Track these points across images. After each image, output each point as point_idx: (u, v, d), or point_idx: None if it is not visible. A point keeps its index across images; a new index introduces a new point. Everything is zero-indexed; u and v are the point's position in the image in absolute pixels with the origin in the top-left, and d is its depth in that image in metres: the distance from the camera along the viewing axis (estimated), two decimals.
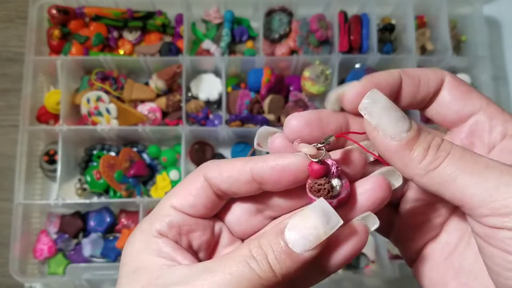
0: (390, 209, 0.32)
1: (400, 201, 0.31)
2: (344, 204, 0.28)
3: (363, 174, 0.28)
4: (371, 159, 0.29)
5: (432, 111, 0.29)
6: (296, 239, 0.24)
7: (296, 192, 0.29)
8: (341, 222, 0.25)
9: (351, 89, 0.27)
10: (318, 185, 0.26)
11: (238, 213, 0.30)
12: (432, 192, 0.26)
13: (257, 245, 0.25)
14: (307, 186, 0.27)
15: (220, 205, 0.30)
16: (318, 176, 0.26)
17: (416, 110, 0.30)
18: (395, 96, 0.28)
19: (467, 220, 0.26)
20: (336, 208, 0.26)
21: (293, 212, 0.29)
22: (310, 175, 0.27)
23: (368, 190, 0.27)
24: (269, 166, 0.27)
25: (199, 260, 0.29)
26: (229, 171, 0.28)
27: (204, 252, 0.30)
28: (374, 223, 0.28)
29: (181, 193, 0.29)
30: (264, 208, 0.30)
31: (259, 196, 0.29)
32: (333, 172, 0.27)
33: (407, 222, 0.30)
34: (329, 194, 0.26)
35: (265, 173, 0.27)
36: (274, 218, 0.30)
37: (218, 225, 0.30)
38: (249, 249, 0.25)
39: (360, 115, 0.27)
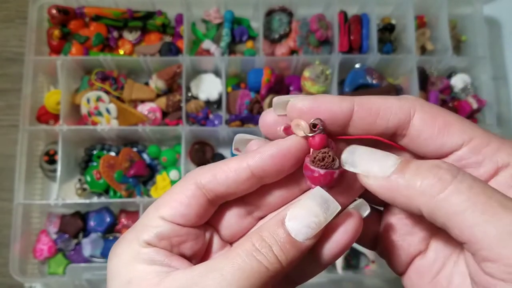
0: (374, 223, 0.31)
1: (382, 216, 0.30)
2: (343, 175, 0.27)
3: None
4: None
5: (408, 145, 0.27)
6: (299, 228, 0.25)
7: (288, 185, 0.29)
8: (339, 207, 0.25)
9: (295, 102, 0.27)
10: (323, 153, 0.26)
11: (228, 217, 0.30)
12: (440, 226, 0.23)
13: (260, 238, 0.25)
14: (308, 160, 0.27)
15: (212, 211, 0.29)
16: (321, 146, 0.26)
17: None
18: (339, 125, 0.27)
19: (465, 256, 0.24)
20: (337, 180, 0.26)
21: (283, 207, 0.29)
22: (312, 147, 0.26)
23: (342, 229, 0.27)
24: (268, 155, 0.27)
25: None
26: (224, 173, 0.27)
27: (196, 260, 0.29)
28: (366, 210, 0.28)
29: (170, 203, 0.27)
30: (253, 209, 0.30)
31: (248, 198, 0.29)
32: (333, 146, 0.27)
33: (390, 236, 0.29)
34: (334, 162, 0.26)
35: (265, 163, 0.27)
36: (262, 218, 0.30)
37: (208, 232, 0.29)
38: (252, 243, 0.25)
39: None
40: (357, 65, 0.96)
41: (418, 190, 0.23)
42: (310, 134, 0.26)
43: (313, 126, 0.26)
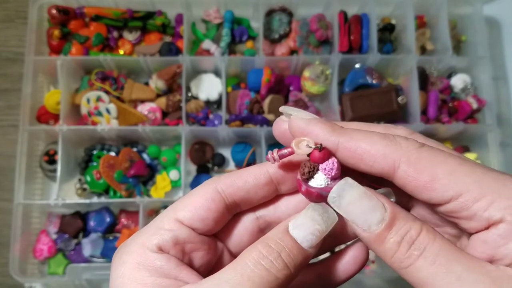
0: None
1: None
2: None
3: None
4: None
5: (402, 188, 0.26)
6: (303, 236, 0.26)
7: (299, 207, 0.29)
8: (337, 218, 0.27)
9: (297, 116, 0.27)
10: (303, 165, 0.27)
11: (240, 234, 0.30)
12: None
13: (267, 246, 0.25)
14: (298, 175, 0.28)
15: (227, 219, 0.29)
16: (323, 161, 0.27)
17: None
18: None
19: None
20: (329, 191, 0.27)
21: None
22: (313, 160, 0.27)
23: (346, 262, 0.30)
24: (287, 161, 0.28)
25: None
26: (244, 178, 0.28)
27: (203, 272, 0.28)
28: (391, 197, 0.28)
29: (189, 206, 0.27)
30: (266, 228, 0.30)
31: (261, 211, 0.30)
32: (336, 161, 0.27)
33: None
34: (313, 171, 0.27)
35: (284, 174, 0.28)
36: None
37: (220, 247, 0.29)
38: (259, 251, 0.25)
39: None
40: (357, 65, 0.96)
41: (390, 256, 0.25)
42: (313, 146, 0.27)
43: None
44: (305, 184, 0.27)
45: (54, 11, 0.91)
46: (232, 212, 0.29)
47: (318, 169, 0.27)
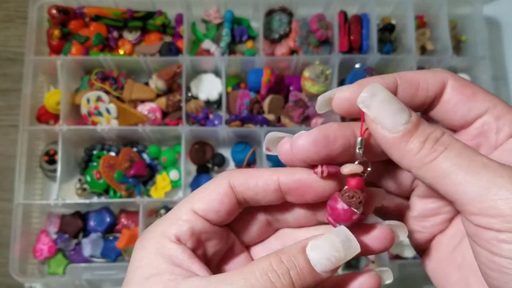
0: (400, 201, 0.32)
1: (410, 194, 0.31)
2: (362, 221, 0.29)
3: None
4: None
5: (437, 115, 0.29)
6: (318, 259, 0.26)
7: (308, 212, 0.30)
8: (359, 249, 0.27)
9: (340, 93, 0.28)
10: (355, 192, 0.27)
11: (253, 229, 0.31)
12: (427, 185, 0.26)
13: (279, 260, 0.26)
14: (338, 193, 0.28)
15: (238, 212, 0.30)
16: (357, 188, 0.28)
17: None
18: None
19: (461, 218, 0.26)
20: (353, 223, 0.28)
21: (306, 236, 0.30)
22: (349, 185, 0.28)
23: (373, 237, 0.29)
24: (297, 179, 0.28)
25: (212, 270, 0.28)
26: (255, 180, 0.29)
27: (216, 261, 0.30)
28: (403, 232, 0.30)
29: (204, 199, 0.29)
30: (273, 222, 0.32)
31: (271, 209, 0.31)
32: (365, 191, 0.28)
33: (416, 215, 0.31)
34: (360, 205, 0.27)
35: (292, 185, 0.28)
36: (279, 228, 0.32)
37: (232, 237, 0.31)
38: (270, 262, 0.25)
39: (359, 119, 0.27)
40: (357, 65, 0.96)
41: (413, 155, 0.25)
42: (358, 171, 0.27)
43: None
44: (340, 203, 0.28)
45: (54, 11, 0.91)
46: (243, 206, 0.30)
47: (357, 197, 0.28)
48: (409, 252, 0.89)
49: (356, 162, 0.28)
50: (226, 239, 0.30)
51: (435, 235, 0.31)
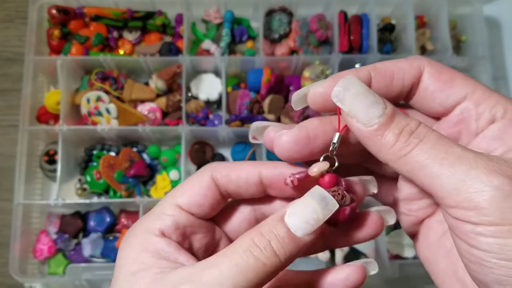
0: (391, 183, 0.32)
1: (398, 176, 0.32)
2: (353, 213, 0.29)
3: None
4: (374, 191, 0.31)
5: (416, 103, 0.29)
6: (297, 224, 0.26)
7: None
8: (337, 205, 0.26)
9: (315, 89, 0.28)
10: (332, 191, 0.27)
11: (239, 223, 0.32)
12: (406, 177, 0.26)
13: (259, 234, 0.26)
14: None
15: (222, 205, 0.30)
16: (330, 186, 0.28)
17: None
18: None
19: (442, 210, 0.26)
20: (349, 216, 0.28)
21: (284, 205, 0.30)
22: (323, 186, 0.28)
23: (363, 225, 0.30)
24: (278, 173, 0.29)
25: None
26: (237, 173, 0.29)
27: (203, 256, 0.30)
28: (392, 218, 0.30)
29: (187, 193, 0.29)
30: (259, 216, 0.32)
31: (255, 203, 0.31)
32: (343, 184, 0.28)
33: (402, 197, 0.31)
34: (344, 199, 0.28)
35: (273, 178, 0.29)
36: None
37: (218, 232, 0.31)
38: (251, 238, 0.25)
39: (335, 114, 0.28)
40: (357, 65, 0.96)
41: (388, 148, 0.25)
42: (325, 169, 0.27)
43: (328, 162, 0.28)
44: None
45: (54, 11, 0.91)
46: (226, 199, 0.30)
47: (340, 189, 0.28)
48: (409, 252, 0.89)
49: (321, 158, 0.28)
50: (212, 233, 0.30)
51: (423, 219, 0.31)
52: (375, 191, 0.30)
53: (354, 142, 0.28)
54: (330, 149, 0.28)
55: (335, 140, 0.27)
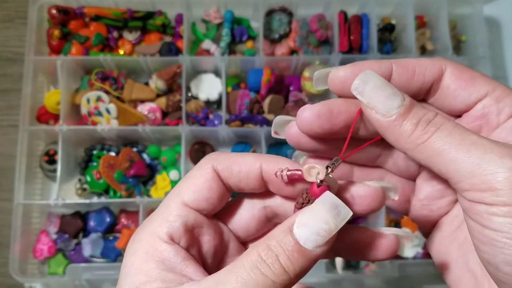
0: (406, 182, 0.32)
1: (416, 177, 0.32)
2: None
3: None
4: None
5: (437, 101, 0.29)
6: (307, 236, 0.24)
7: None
8: (351, 213, 0.25)
9: (336, 72, 0.28)
10: (305, 197, 0.27)
11: (247, 221, 0.31)
12: (423, 165, 0.27)
13: (266, 248, 0.24)
14: (296, 204, 0.27)
15: (228, 197, 0.30)
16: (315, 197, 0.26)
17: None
18: None
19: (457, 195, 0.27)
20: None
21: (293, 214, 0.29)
22: (313, 195, 0.27)
23: (364, 196, 0.28)
24: (278, 168, 0.28)
25: (211, 272, 0.27)
26: (239, 166, 0.28)
27: (212, 259, 0.29)
28: (395, 194, 0.30)
29: (192, 187, 0.28)
30: (274, 217, 0.31)
31: (268, 203, 0.30)
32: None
33: (422, 197, 0.31)
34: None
35: (273, 174, 0.28)
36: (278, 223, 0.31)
37: (226, 233, 0.30)
38: (258, 253, 0.24)
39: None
40: None
41: (406, 137, 0.26)
42: (321, 179, 0.27)
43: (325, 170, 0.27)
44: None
45: (54, 11, 0.91)
46: (230, 191, 0.29)
47: (312, 202, 0.26)
48: (409, 252, 0.89)
49: (318, 166, 0.27)
50: (220, 235, 0.29)
51: (442, 217, 0.31)
52: (395, 198, 0.30)
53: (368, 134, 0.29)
54: (327, 172, 0.27)
55: (334, 161, 0.27)
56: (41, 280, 0.86)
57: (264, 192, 0.30)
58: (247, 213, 0.30)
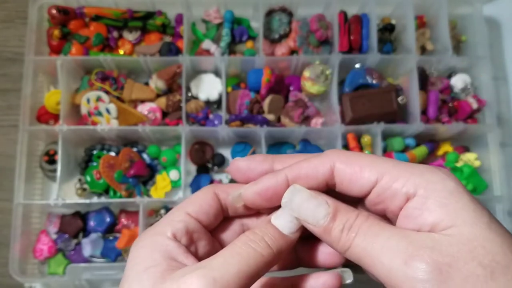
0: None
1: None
2: None
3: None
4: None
5: (340, 190, 0.32)
6: (283, 224, 0.31)
7: None
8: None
9: (246, 193, 0.33)
10: None
11: (230, 237, 0.35)
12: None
13: (253, 232, 0.30)
14: None
15: (221, 218, 0.35)
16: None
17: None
18: (277, 196, 0.32)
19: None
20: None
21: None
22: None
23: (324, 282, 0.33)
24: (253, 191, 0.33)
25: None
26: (234, 189, 0.34)
27: None
28: (349, 277, 0.34)
29: (195, 202, 0.33)
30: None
31: (247, 220, 0.36)
32: None
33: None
34: None
35: (250, 197, 0.33)
36: None
37: (217, 245, 0.35)
38: (246, 235, 0.30)
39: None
40: (357, 65, 0.96)
41: (336, 243, 0.30)
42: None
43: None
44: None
45: (54, 11, 0.91)
46: (225, 214, 0.35)
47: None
48: None
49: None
50: (213, 244, 0.34)
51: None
52: (349, 280, 0.34)
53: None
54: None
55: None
56: (41, 280, 0.86)
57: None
58: (231, 231, 0.36)
